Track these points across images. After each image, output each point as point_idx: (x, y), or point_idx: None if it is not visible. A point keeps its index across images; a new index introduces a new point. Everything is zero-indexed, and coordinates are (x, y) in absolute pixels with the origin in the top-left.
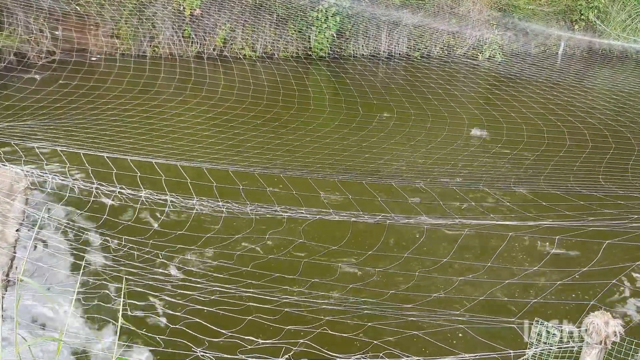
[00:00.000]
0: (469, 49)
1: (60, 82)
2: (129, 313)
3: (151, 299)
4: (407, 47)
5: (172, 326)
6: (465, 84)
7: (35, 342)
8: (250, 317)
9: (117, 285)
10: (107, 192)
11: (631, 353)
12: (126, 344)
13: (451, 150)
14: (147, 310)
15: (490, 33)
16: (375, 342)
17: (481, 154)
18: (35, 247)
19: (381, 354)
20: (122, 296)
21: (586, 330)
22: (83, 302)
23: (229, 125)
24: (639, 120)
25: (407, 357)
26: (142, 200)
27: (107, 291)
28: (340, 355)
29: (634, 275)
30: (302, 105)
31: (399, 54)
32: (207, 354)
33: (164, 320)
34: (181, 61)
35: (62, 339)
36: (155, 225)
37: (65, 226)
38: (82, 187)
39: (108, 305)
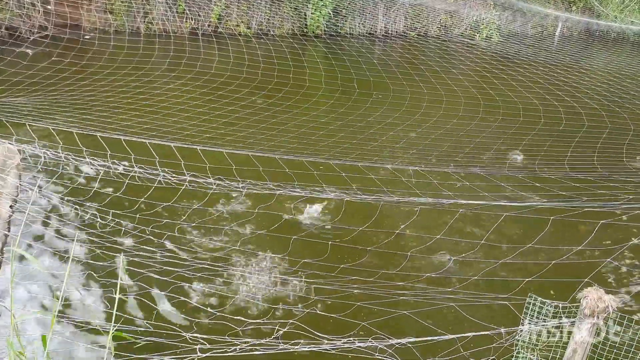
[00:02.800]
0: (466, 28)
1: (53, 58)
2: (125, 284)
3: (138, 273)
4: (404, 26)
5: (159, 308)
6: (463, 62)
7: (30, 315)
8: (237, 296)
9: (112, 257)
10: (99, 167)
11: (623, 328)
12: (124, 315)
13: (446, 130)
14: (136, 287)
15: (487, 13)
16: (363, 323)
17: (477, 134)
18: (29, 222)
19: (369, 339)
20: (120, 269)
21: (579, 305)
22: (78, 276)
23: (222, 102)
24: (637, 102)
25: (398, 340)
26: (134, 176)
27: (101, 264)
28: (329, 337)
29: (627, 254)
30: (297, 83)
31: (396, 32)
32: (197, 338)
33: (151, 298)
34: (175, 38)
35: (55, 312)
36: (143, 198)
37: (60, 201)
38: (74, 163)
39: (102, 279)
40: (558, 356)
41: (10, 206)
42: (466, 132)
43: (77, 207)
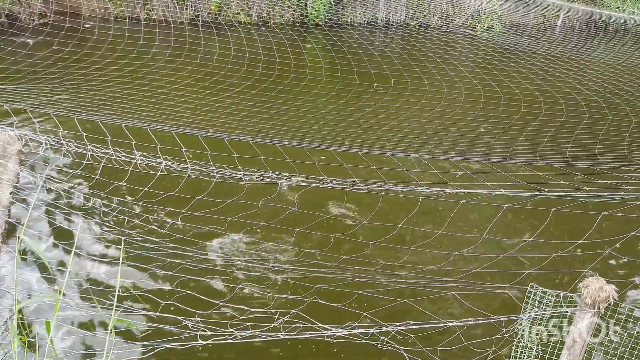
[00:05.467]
0: (468, 19)
1: (53, 47)
2: (128, 272)
3: (142, 267)
4: (405, 16)
5: (162, 301)
6: (464, 54)
7: (34, 300)
8: (240, 286)
9: (115, 247)
10: (101, 154)
11: (624, 318)
12: (126, 304)
13: (447, 120)
14: (139, 275)
15: (489, 3)
16: (364, 313)
17: (478, 125)
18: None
19: (372, 331)
20: (120, 259)
21: (580, 295)
22: (81, 263)
23: (224, 95)
24: (637, 93)
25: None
26: (137, 163)
27: (105, 253)
28: (331, 326)
29: (629, 245)
30: (298, 73)
31: (397, 22)
32: (199, 326)
33: (154, 290)
34: (175, 27)
35: (60, 297)
36: (146, 188)
37: (59, 189)
38: (75, 150)
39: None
40: (558, 345)
41: (11, 193)
42: (467, 122)
43: (80, 194)
